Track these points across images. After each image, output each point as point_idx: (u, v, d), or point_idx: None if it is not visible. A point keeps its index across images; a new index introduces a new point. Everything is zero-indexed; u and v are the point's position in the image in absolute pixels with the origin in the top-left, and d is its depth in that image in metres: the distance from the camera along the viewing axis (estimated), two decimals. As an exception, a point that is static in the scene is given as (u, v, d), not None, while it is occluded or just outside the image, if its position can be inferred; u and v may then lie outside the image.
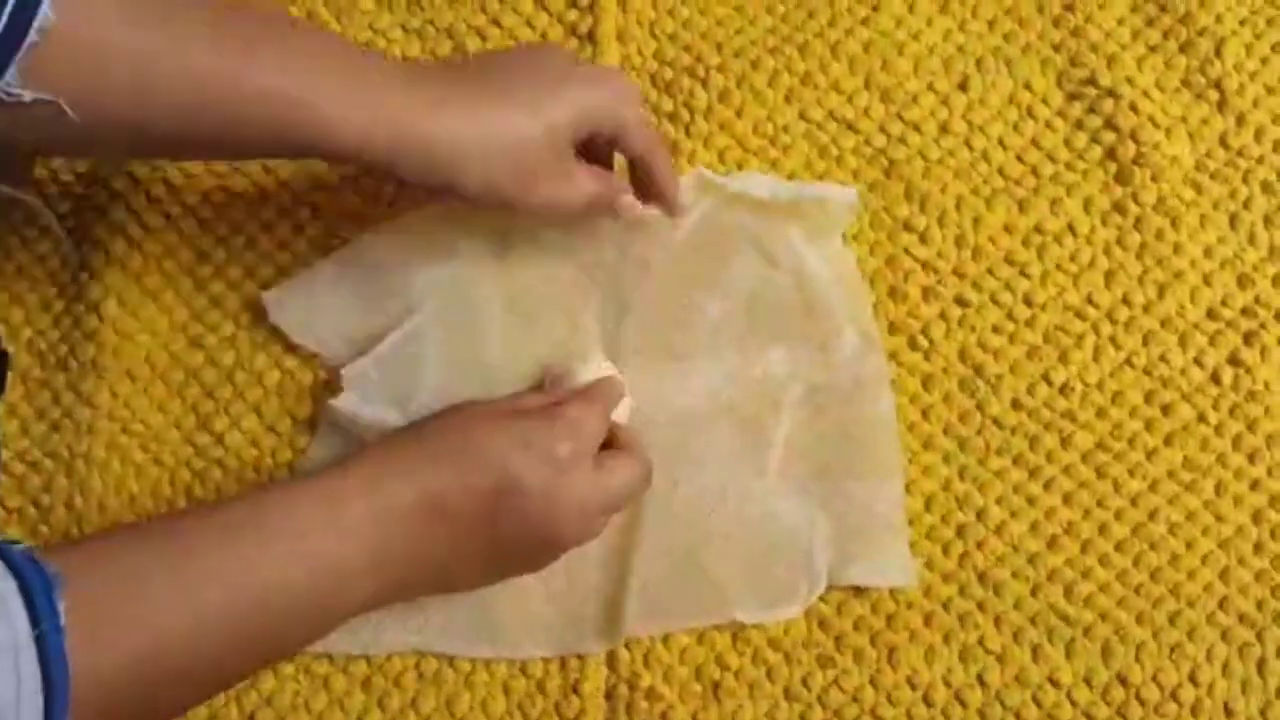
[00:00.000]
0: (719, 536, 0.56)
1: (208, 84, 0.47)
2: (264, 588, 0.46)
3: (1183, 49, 0.64)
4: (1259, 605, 0.56)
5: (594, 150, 0.55)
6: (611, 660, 0.57)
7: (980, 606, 0.57)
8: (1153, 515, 0.58)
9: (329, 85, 0.49)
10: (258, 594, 0.46)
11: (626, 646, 0.57)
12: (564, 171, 0.53)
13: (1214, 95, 0.63)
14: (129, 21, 0.46)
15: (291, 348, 0.61)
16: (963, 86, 0.64)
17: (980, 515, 0.58)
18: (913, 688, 0.56)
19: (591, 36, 0.65)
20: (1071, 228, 0.62)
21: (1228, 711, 0.55)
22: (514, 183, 0.52)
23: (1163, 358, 0.60)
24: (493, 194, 0.52)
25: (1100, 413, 0.59)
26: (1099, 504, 0.58)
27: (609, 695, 0.57)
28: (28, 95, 0.45)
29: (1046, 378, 0.60)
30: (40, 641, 0.40)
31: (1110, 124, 0.63)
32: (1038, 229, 0.62)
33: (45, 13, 0.44)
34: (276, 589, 0.46)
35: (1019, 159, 0.63)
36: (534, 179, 0.52)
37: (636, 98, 0.56)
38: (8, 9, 0.43)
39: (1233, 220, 0.62)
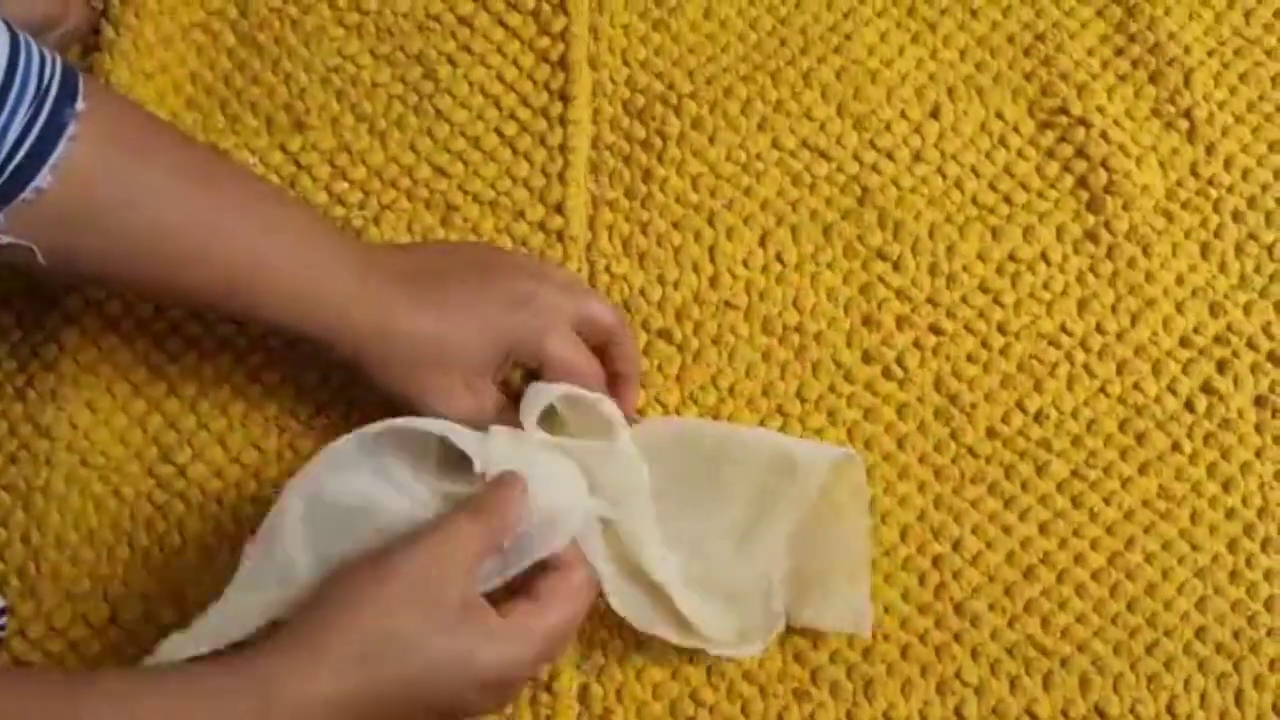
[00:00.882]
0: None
1: (179, 246, 0.51)
2: None
3: (1152, 79, 0.64)
4: (1236, 635, 0.56)
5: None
6: (584, 696, 0.56)
7: (957, 638, 0.56)
8: (1129, 544, 0.57)
9: (286, 263, 0.52)
10: None
11: (599, 681, 0.56)
12: (475, 390, 0.54)
13: (1184, 124, 0.64)
14: (110, 185, 0.49)
15: (256, 378, 0.60)
16: (935, 115, 0.64)
17: (956, 545, 0.57)
18: (890, 721, 0.55)
19: (563, 63, 0.65)
20: (1045, 256, 0.62)
21: (1206, 743, 0.55)
22: (422, 390, 0.53)
23: (1136, 385, 0.60)
24: (399, 396, 0.53)
25: (1075, 441, 0.59)
26: (1075, 533, 0.57)
27: (581, 732, 0.56)
28: (4, 239, 0.47)
29: (1021, 406, 0.59)
30: None
31: (1082, 153, 0.63)
32: (1011, 257, 0.62)
33: (43, 176, 0.47)
34: None
35: (991, 187, 0.63)
36: (445, 392, 0.53)
37: (564, 319, 0.54)
38: (10, 168, 0.46)
39: (1204, 249, 0.62)
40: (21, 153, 0.46)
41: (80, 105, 0.48)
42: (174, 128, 0.57)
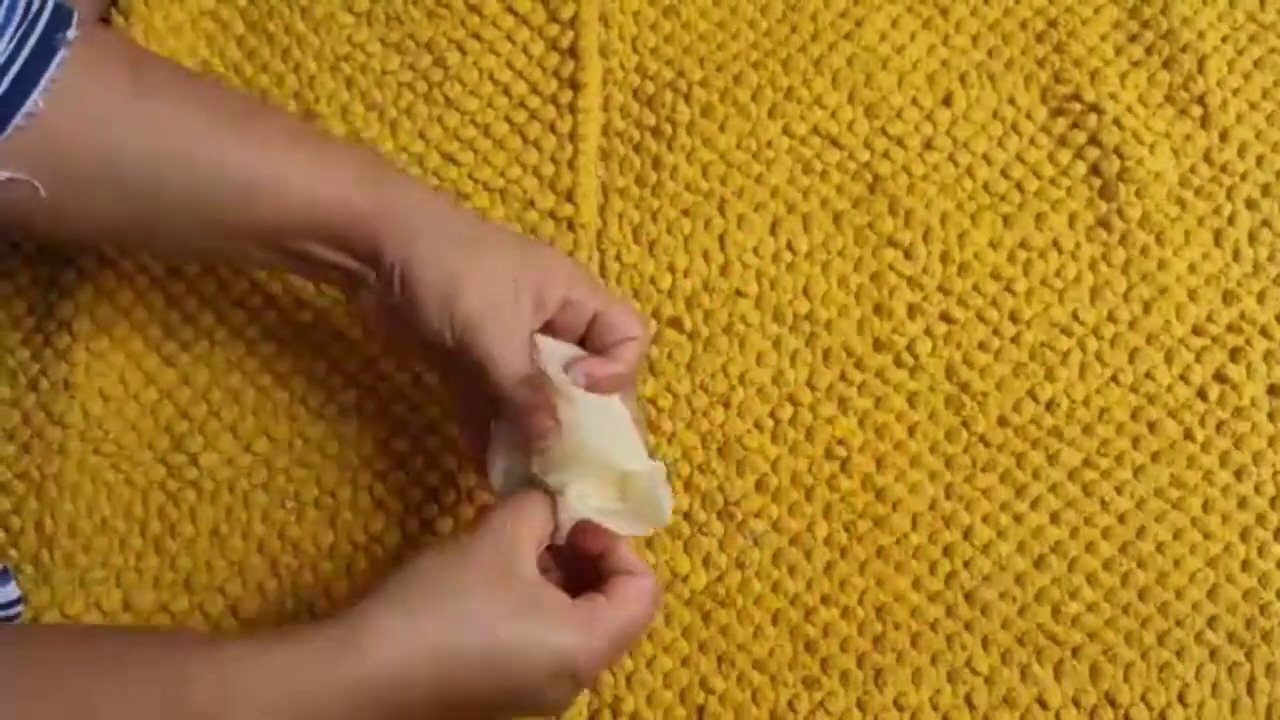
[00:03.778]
0: None
1: (189, 162, 0.49)
2: None
3: (1166, 65, 0.64)
4: (1248, 624, 0.56)
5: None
6: (594, 683, 0.56)
7: (968, 627, 0.56)
8: (1140, 533, 0.57)
9: (304, 161, 0.50)
10: None
11: (610, 670, 0.56)
12: (507, 331, 0.50)
13: (1197, 111, 0.63)
14: (116, 113, 0.48)
15: (267, 367, 0.60)
16: (947, 102, 0.64)
17: (967, 534, 0.57)
18: (900, 710, 0.55)
19: (573, 50, 0.64)
20: (1057, 243, 0.61)
21: (1217, 732, 0.55)
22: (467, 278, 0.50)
23: (1149, 374, 0.59)
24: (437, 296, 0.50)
25: (1087, 429, 0.59)
26: (1086, 522, 0.57)
27: (591, 719, 0.56)
28: (2, 174, 0.46)
29: (1033, 394, 0.59)
30: None
31: (1094, 140, 0.63)
32: (1023, 245, 0.61)
33: (35, 100, 0.46)
34: None
35: (1004, 174, 0.63)
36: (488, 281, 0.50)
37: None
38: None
39: (1217, 236, 0.61)
40: (10, 75, 0.46)
41: (73, 33, 0.47)
42: (180, 66, 0.54)
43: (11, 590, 0.54)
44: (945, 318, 0.60)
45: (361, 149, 0.53)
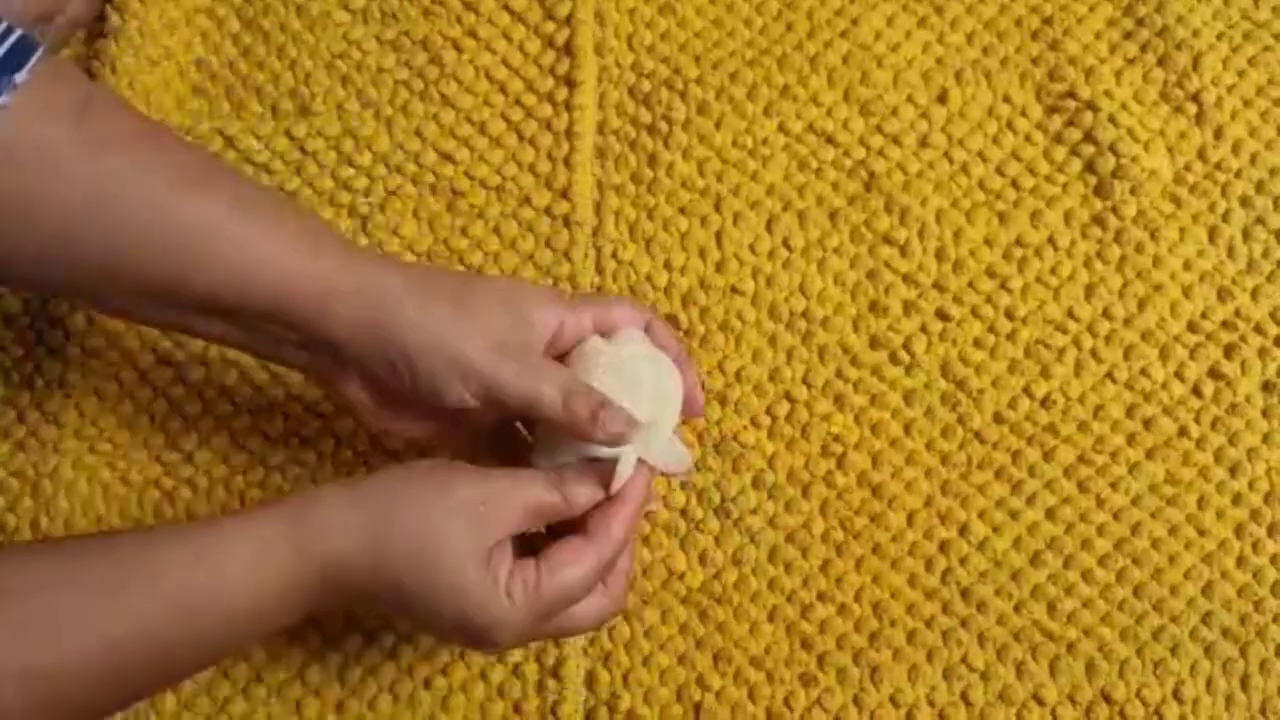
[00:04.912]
0: None
1: (146, 215, 0.46)
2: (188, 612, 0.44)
3: (1160, 62, 0.64)
4: (1242, 620, 0.56)
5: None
6: (591, 681, 0.56)
7: (964, 624, 0.56)
8: (1135, 530, 0.57)
9: (271, 230, 0.47)
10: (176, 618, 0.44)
11: (606, 667, 0.56)
12: (530, 365, 0.48)
13: (1192, 108, 0.63)
14: (48, 164, 0.45)
15: (262, 364, 0.60)
16: (942, 99, 0.64)
17: (963, 531, 0.57)
18: (896, 706, 0.55)
19: (569, 48, 0.64)
20: (1052, 241, 0.61)
21: (1212, 728, 0.55)
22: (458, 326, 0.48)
23: (1144, 371, 0.60)
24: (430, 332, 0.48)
25: (1082, 427, 0.59)
26: (1081, 519, 0.57)
27: (588, 717, 0.56)
28: None
29: (1028, 391, 0.59)
30: None
31: (1089, 137, 0.63)
32: (1018, 242, 0.61)
33: None
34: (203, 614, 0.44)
35: (999, 172, 0.63)
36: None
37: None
38: None
39: (1212, 233, 0.61)
40: None
41: (22, 76, 0.44)
42: (162, 129, 0.51)
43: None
44: (941, 314, 0.60)
45: (310, 218, 0.51)
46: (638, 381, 0.49)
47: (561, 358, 0.50)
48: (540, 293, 0.50)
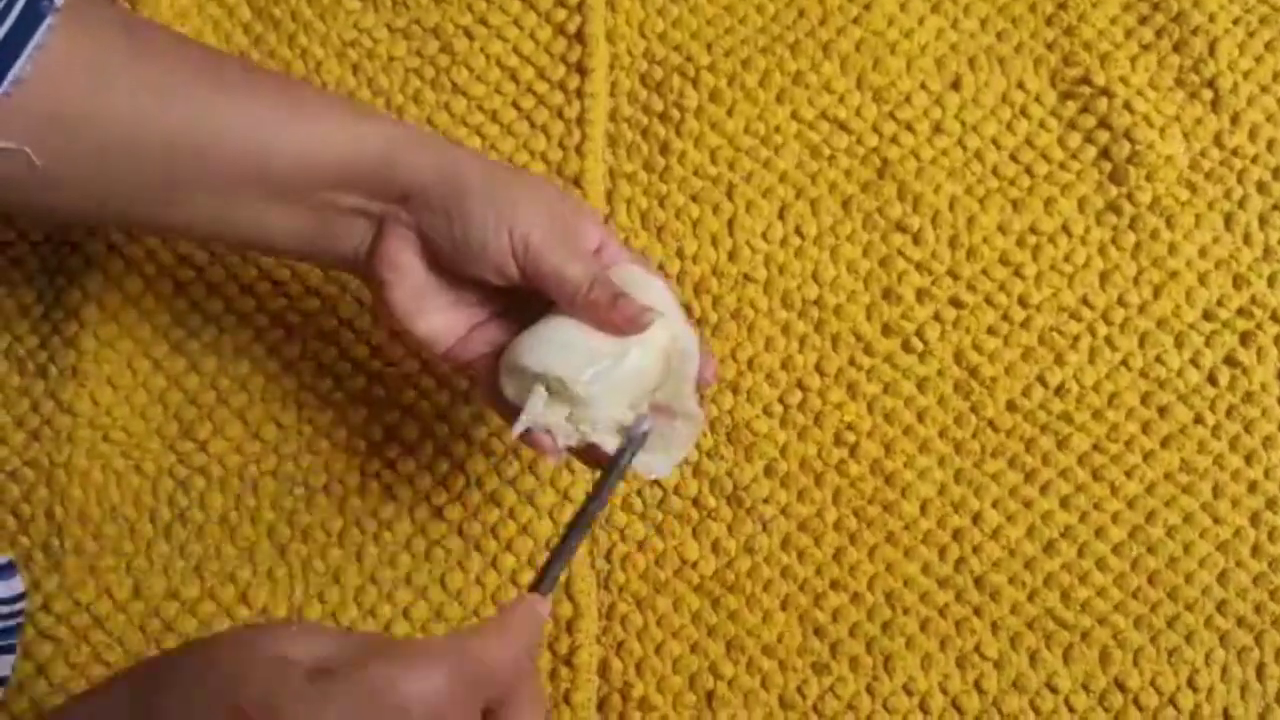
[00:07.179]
0: None
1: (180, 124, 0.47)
2: None
3: (1176, 48, 0.64)
4: (1257, 609, 0.56)
5: None
6: (604, 670, 0.56)
7: (977, 612, 0.56)
8: (1150, 518, 0.57)
9: (329, 106, 0.50)
10: None
11: (619, 655, 0.56)
12: (571, 249, 0.49)
13: (1208, 94, 0.63)
14: (114, 79, 0.46)
15: (275, 353, 0.60)
16: (955, 86, 0.63)
17: (976, 519, 0.57)
18: (909, 695, 0.55)
19: (580, 36, 0.64)
20: (1066, 228, 0.61)
21: (1227, 717, 0.55)
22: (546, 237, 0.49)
23: (1159, 359, 0.59)
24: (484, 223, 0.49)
25: (1096, 415, 0.58)
26: (1096, 507, 0.57)
27: (601, 705, 0.56)
28: None
29: (1042, 380, 0.59)
30: None
31: (1104, 123, 0.62)
32: (1032, 229, 0.61)
33: (22, 67, 0.44)
34: None
35: (1013, 159, 0.62)
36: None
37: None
38: None
39: (1228, 220, 0.61)
40: None
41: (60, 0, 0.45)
42: (174, 30, 0.52)
43: (16, 584, 0.54)
44: (954, 302, 0.60)
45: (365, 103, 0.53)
46: (666, 307, 0.49)
47: None
48: (591, 210, 0.52)
